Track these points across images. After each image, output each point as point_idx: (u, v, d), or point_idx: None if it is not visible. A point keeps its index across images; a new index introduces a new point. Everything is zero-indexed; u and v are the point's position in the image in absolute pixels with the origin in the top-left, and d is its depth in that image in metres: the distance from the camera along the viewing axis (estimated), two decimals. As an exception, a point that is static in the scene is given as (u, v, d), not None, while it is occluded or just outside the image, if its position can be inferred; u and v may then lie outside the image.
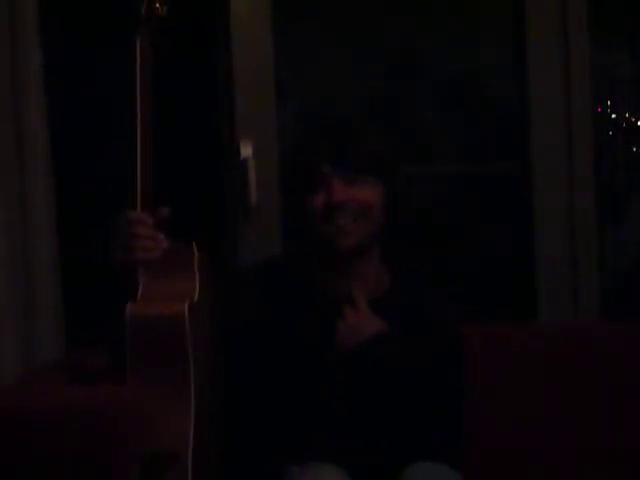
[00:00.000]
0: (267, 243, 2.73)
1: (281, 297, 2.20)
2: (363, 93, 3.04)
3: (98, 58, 2.77)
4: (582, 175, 2.91)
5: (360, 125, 2.27)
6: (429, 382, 2.15)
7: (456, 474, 2.07)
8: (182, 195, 2.75)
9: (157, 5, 1.95)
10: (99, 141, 2.81)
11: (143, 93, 1.93)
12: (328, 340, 2.14)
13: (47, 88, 2.64)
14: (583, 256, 2.92)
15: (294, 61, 2.94)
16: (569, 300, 2.92)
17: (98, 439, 1.83)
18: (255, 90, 2.81)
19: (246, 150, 2.78)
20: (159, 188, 2.01)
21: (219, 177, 2.87)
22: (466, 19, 3.02)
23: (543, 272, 2.93)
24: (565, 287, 2.92)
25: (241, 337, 2.15)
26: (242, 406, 2.15)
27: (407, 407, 2.14)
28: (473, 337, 2.41)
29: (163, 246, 1.97)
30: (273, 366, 2.14)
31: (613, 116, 3.13)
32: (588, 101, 2.91)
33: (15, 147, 2.62)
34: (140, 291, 1.97)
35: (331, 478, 1.97)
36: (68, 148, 2.73)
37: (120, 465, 1.83)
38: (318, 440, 2.08)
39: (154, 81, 1.99)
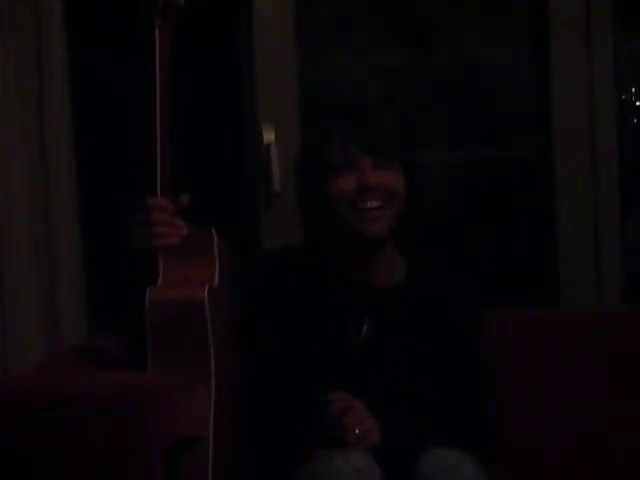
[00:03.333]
0: (289, 229, 2.72)
1: (299, 285, 2.19)
2: (382, 79, 3.04)
3: (120, 46, 2.79)
4: (605, 160, 2.91)
5: (378, 110, 2.25)
6: (449, 369, 2.16)
7: (472, 460, 2.07)
8: (205, 181, 2.77)
9: (175, -5, 1.95)
10: (122, 127, 2.83)
11: (162, 81, 1.93)
12: (340, 328, 2.14)
13: (71, 75, 2.67)
14: (606, 240, 2.92)
15: (316, 47, 2.94)
16: (592, 284, 2.92)
17: (122, 424, 1.83)
18: (277, 76, 2.81)
19: (269, 136, 2.79)
20: (182, 174, 2.02)
21: (242, 163, 2.88)
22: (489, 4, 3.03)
23: (566, 256, 2.93)
24: (588, 271, 2.92)
25: (259, 323, 2.16)
26: (263, 392, 2.16)
27: (427, 394, 2.14)
28: (498, 322, 2.41)
29: (182, 233, 1.98)
30: (290, 353, 2.14)
31: (638, 103, 3.11)
32: (611, 88, 2.90)
33: (38, 135, 2.66)
34: (160, 276, 1.97)
35: (357, 458, 1.97)
36: (91, 133, 2.76)
37: (145, 450, 1.83)
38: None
39: (177, 67, 1.99)
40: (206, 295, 1.93)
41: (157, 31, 1.93)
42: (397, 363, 2.14)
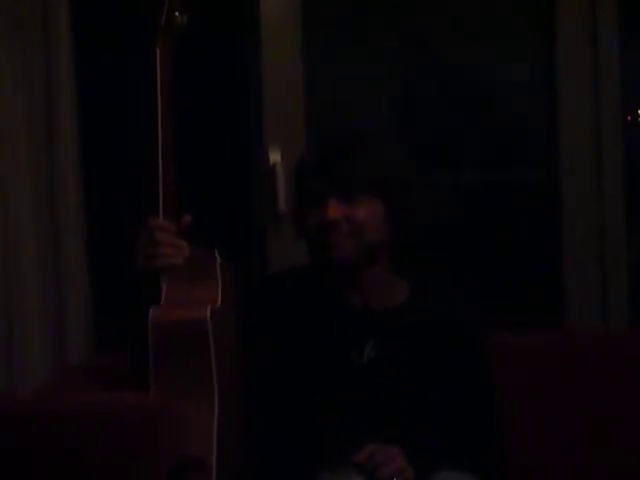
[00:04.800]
0: (296, 249, 2.72)
1: (301, 305, 2.20)
2: (389, 100, 3.05)
3: (129, 58, 2.79)
4: (612, 181, 2.91)
5: (365, 138, 2.23)
6: (452, 389, 2.16)
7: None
8: (211, 201, 2.77)
9: (176, 14, 1.95)
10: (128, 144, 2.83)
11: (164, 101, 1.94)
12: (342, 350, 2.14)
13: (79, 91, 2.68)
14: (612, 264, 2.92)
15: (323, 66, 2.94)
16: (598, 304, 2.92)
17: (126, 444, 1.84)
18: (284, 96, 2.81)
19: (275, 156, 2.79)
20: (188, 194, 2.02)
21: (248, 183, 2.88)
22: (492, 21, 3.02)
23: (571, 276, 2.93)
24: (593, 291, 2.92)
25: (261, 343, 2.16)
26: (266, 412, 2.15)
27: (431, 417, 2.14)
28: (503, 343, 2.40)
29: (185, 253, 1.98)
30: (294, 376, 2.14)
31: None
32: (618, 108, 2.90)
33: (46, 147, 2.66)
34: (163, 297, 1.98)
35: None
36: (97, 151, 2.76)
37: (149, 471, 1.83)
38: (343, 448, 2.06)
39: (182, 86, 1.99)
40: (208, 315, 1.94)
41: (158, 50, 1.94)
42: (399, 383, 2.14)
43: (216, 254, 2.04)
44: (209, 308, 1.94)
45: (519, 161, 3.08)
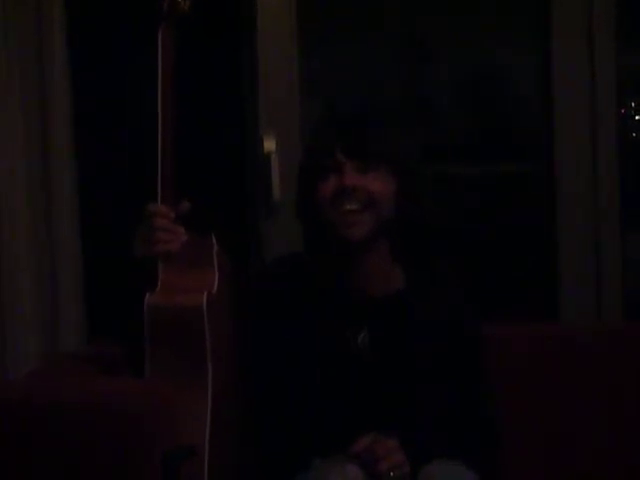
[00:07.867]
0: (290, 238, 2.72)
1: (296, 294, 2.19)
2: (384, 90, 3.05)
3: (123, 50, 2.79)
4: (606, 176, 2.90)
5: (378, 117, 2.25)
6: (448, 376, 2.16)
7: (471, 473, 2.06)
8: (205, 190, 2.77)
9: (180, 0, 1.94)
10: (122, 132, 2.83)
11: (165, 88, 1.93)
12: (336, 336, 2.14)
13: (73, 80, 2.68)
14: (607, 256, 2.91)
15: (318, 56, 2.94)
16: (592, 300, 2.91)
17: (121, 430, 1.84)
18: (279, 85, 2.81)
19: (269, 145, 2.78)
20: (182, 183, 2.02)
21: (242, 172, 2.87)
22: (490, 17, 3.02)
23: (566, 272, 2.92)
24: (588, 287, 2.91)
25: (259, 332, 2.16)
26: (262, 400, 2.16)
27: (424, 407, 2.14)
28: (496, 336, 2.40)
29: (182, 239, 1.98)
30: (290, 362, 2.14)
31: (637, 117, 3.11)
32: (613, 102, 2.90)
33: (40, 139, 2.66)
34: (159, 282, 1.98)
35: (353, 473, 1.96)
36: (91, 139, 2.76)
37: (143, 457, 1.83)
38: (337, 436, 2.06)
39: (178, 75, 1.99)
40: (205, 301, 1.94)
41: (160, 36, 1.93)
42: (395, 371, 2.14)
43: (213, 240, 2.05)
44: (205, 294, 1.95)
45: (515, 154, 3.08)
